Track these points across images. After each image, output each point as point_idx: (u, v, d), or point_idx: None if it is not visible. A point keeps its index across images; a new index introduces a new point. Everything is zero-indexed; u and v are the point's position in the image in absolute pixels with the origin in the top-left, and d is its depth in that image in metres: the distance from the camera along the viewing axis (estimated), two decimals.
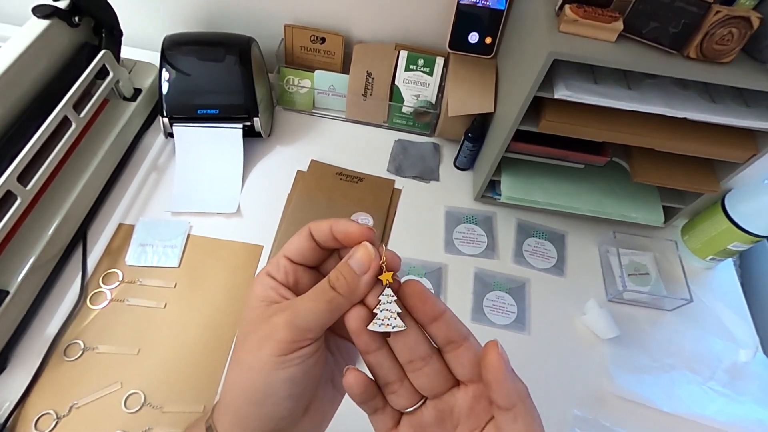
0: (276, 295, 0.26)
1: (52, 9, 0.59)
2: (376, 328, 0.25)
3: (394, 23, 0.76)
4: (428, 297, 0.25)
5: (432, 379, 0.26)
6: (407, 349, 0.26)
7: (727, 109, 0.53)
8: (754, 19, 0.45)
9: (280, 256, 0.28)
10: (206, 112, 0.68)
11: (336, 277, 0.25)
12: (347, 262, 0.25)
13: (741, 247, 0.65)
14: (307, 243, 0.27)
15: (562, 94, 0.51)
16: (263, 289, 0.27)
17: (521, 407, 0.23)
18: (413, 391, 0.26)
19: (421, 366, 0.26)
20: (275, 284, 0.27)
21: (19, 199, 0.52)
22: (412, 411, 0.27)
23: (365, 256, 0.25)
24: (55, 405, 0.50)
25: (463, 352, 0.25)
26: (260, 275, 0.27)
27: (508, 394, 0.23)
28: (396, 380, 0.26)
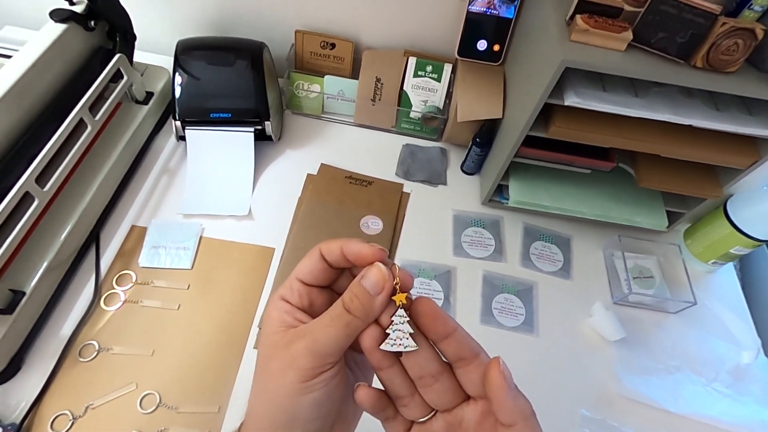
0: (292, 319, 0.26)
1: (69, 13, 0.60)
2: (388, 348, 0.25)
3: (403, 30, 0.77)
4: (439, 316, 0.26)
5: (442, 395, 0.26)
6: (418, 367, 0.26)
7: (730, 117, 0.54)
8: (758, 30, 0.46)
9: (292, 278, 0.28)
10: (218, 116, 0.69)
11: (350, 299, 0.25)
12: (360, 283, 0.25)
13: (742, 251, 0.67)
14: (319, 264, 0.27)
15: (573, 101, 0.52)
16: (279, 314, 0.27)
17: (522, 426, 0.24)
18: (424, 405, 0.27)
19: (432, 383, 0.26)
20: (290, 308, 0.27)
21: (36, 201, 0.52)
22: (423, 422, 0.27)
23: (379, 277, 0.25)
24: (70, 405, 0.51)
25: (474, 369, 0.26)
26: (274, 300, 0.28)
27: (509, 412, 0.24)
28: (407, 395, 0.27)
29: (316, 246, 0.28)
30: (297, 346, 0.25)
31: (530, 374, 0.60)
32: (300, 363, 0.25)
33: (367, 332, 0.26)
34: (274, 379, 0.25)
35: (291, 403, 0.25)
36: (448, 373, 0.26)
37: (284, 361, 0.25)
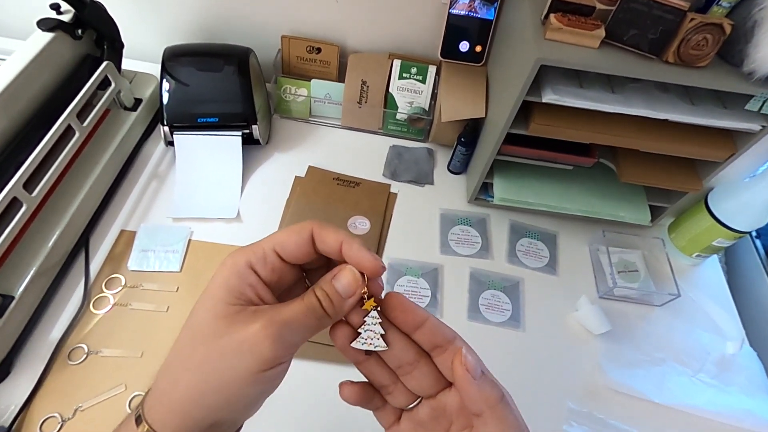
0: (254, 295, 0.24)
1: (57, 22, 0.61)
2: (359, 346, 0.26)
3: (387, 33, 0.78)
4: (409, 307, 0.26)
5: (422, 381, 0.27)
6: (394, 357, 0.27)
7: (705, 111, 0.55)
8: (726, 25, 0.48)
9: (268, 249, 0.25)
10: (206, 120, 0.70)
11: (323, 297, 0.25)
12: (333, 284, 0.25)
13: (725, 243, 0.68)
14: (306, 246, 0.25)
15: (550, 98, 0.54)
16: (239, 284, 0.24)
17: (489, 414, 0.24)
18: (408, 392, 0.28)
19: (411, 370, 0.27)
20: (256, 281, 0.24)
21: (24, 206, 0.53)
22: (410, 409, 0.28)
23: (352, 282, 0.25)
24: (59, 408, 0.51)
25: (449, 356, 0.26)
26: (239, 264, 0.24)
27: (474, 401, 0.25)
28: (390, 383, 0.28)
29: (307, 224, 0.25)
30: (259, 330, 0.23)
31: (517, 368, 0.60)
32: (263, 351, 0.22)
33: (339, 331, 0.26)
34: (222, 357, 0.23)
35: (237, 388, 0.23)
36: (426, 360, 0.27)
37: (240, 341, 0.23)
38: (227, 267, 0.24)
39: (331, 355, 0.57)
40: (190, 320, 0.24)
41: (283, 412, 0.53)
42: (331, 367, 0.57)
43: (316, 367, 0.57)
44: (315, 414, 0.54)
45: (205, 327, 0.23)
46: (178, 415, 0.23)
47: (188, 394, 0.23)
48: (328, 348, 0.58)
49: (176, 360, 0.24)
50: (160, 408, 0.24)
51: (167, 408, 0.23)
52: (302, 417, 0.54)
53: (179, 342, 0.24)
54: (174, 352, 0.24)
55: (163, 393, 0.24)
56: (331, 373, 0.56)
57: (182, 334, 0.24)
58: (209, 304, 0.24)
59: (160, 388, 0.24)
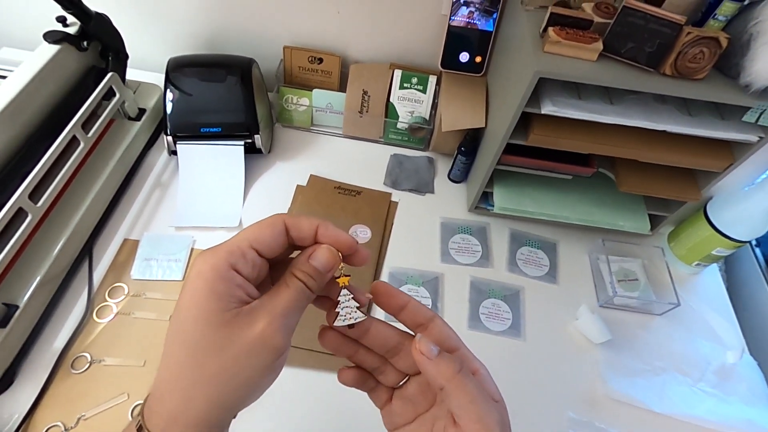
0: (244, 294, 0.24)
1: (63, 34, 0.62)
2: (341, 323, 0.28)
3: (388, 44, 0.79)
4: (393, 292, 0.30)
5: (407, 360, 0.30)
6: (380, 344, 0.30)
7: (703, 122, 0.56)
8: (722, 39, 0.48)
9: (245, 247, 0.25)
10: (209, 130, 0.71)
11: (306, 278, 0.26)
12: (311, 263, 0.26)
13: (724, 252, 0.68)
14: (281, 238, 0.26)
15: (549, 110, 0.54)
16: (228, 287, 0.24)
17: (449, 385, 0.26)
18: (397, 371, 0.31)
19: (397, 352, 0.30)
20: (242, 281, 0.24)
21: (29, 216, 0.53)
22: (400, 387, 0.31)
23: (330, 259, 0.27)
24: (63, 417, 0.51)
25: (430, 330, 0.29)
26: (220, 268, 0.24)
27: (433, 378, 0.27)
28: (380, 365, 0.31)
29: (277, 216, 0.26)
30: (266, 327, 0.24)
31: (518, 377, 0.61)
32: (274, 342, 0.24)
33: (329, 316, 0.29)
34: (236, 362, 0.23)
35: (255, 384, 0.24)
36: (410, 340, 0.30)
37: (250, 342, 0.24)
38: (207, 273, 0.23)
39: (325, 363, 0.58)
40: (182, 335, 0.24)
41: (280, 419, 0.53)
42: (324, 375, 0.57)
43: (311, 375, 0.57)
44: (311, 420, 0.54)
45: (206, 340, 0.23)
46: (201, 428, 0.24)
47: (207, 407, 0.24)
48: (321, 355, 0.58)
49: (182, 378, 0.24)
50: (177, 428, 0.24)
51: (185, 425, 0.24)
52: (298, 423, 0.54)
53: (177, 360, 0.24)
54: (174, 371, 0.24)
55: (177, 414, 0.24)
56: (326, 380, 0.56)
57: (176, 351, 0.24)
58: (202, 316, 0.23)
59: (169, 410, 0.24)
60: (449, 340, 0.29)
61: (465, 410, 0.26)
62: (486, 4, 0.67)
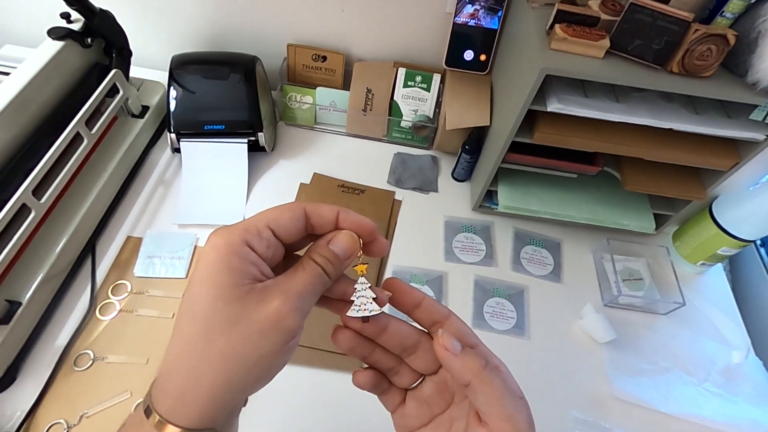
0: (258, 272, 0.24)
1: (67, 31, 0.62)
2: (354, 314, 0.27)
3: (392, 42, 0.79)
4: (406, 289, 0.29)
5: (425, 359, 0.29)
6: (397, 343, 0.29)
7: (709, 120, 0.56)
8: (730, 36, 0.48)
9: (262, 226, 0.24)
10: (212, 128, 0.70)
11: (325, 263, 0.26)
12: (330, 248, 0.26)
13: (729, 251, 0.68)
14: (300, 224, 0.26)
15: (555, 107, 0.54)
16: (243, 264, 0.23)
17: (476, 381, 0.25)
18: (412, 371, 0.30)
19: (414, 350, 0.29)
20: (256, 258, 0.24)
21: (33, 213, 0.53)
22: (414, 388, 0.30)
23: (351, 244, 0.26)
24: (65, 414, 0.51)
25: (446, 328, 0.28)
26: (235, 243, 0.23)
27: (459, 374, 0.26)
28: (395, 365, 0.30)
29: (297, 203, 0.26)
30: (280, 306, 0.23)
31: (522, 377, 0.59)
32: (287, 323, 0.23)
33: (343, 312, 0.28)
34: (247, 341, 0.23)
35: (266, 365, 0.23)
36: (426, 338, 0.29)
37: (262, 321, 0.23)
38: (222, 248, 0.23)
39: (333, 362, 0.57)
40: (193, 310, 0.23)
41: (285, 418, 0.53)
42: (330, 374, 0.57)
43: (319, 375, 0.57)
44: (317, 419, 0.54)
45: (218, 315, 0.23)
46: (210, 408, 0.23)
47: (216, 385, 0.23)
48: (327, 354, 0.58)
49: (191, 355, 0.23)
50: (185, 407, 0.23)
51: (193, 404, 0.23)
52: (304, 422, 0.54)
53: (187, 335, 0.23)
54: (183, 347, 0.23)
55: (185, 391, 0.23)
56: (333, 380, 0.56)
57: (187, 326, 0.23)
58: (214, 290, 0.23)
59: (177, 387, 0.23)
60: (467, 338, 0.28)
61: (493, 408, 0.25)
62: (491, 2, 0.67)
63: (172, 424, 0.22)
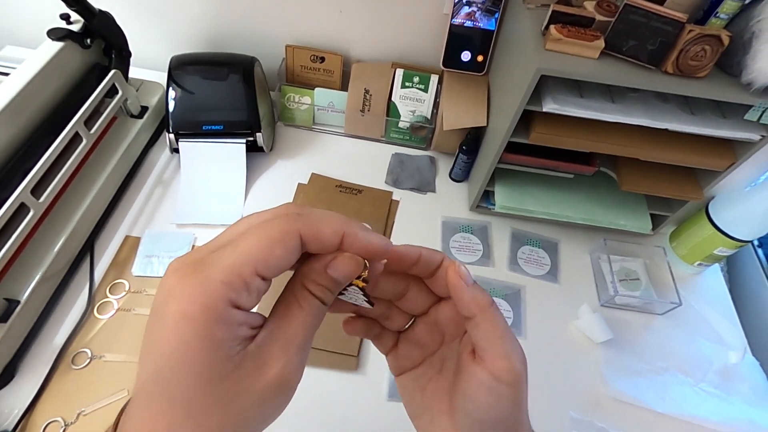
0: (248, 330, 0.20)
1: (66, 32, 0.62)
2: (344, 299, 0.26)
3: (390, 43, 0.80)
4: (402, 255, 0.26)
5: (415, 301, 0.29)
6: (388, 292, 0.28)
7: (705, 121, 0.56)
8: (724, 37, 0.48)
9: (249, 275, 0.19)
10: (211, 128, 0.71)
11: (322, 291, 0.22)
12: (329, 273, 0.22)
13: (726, 252, 0.68)
14: (294, 257, 0.21)
15: (550, 108, 0.54)
16: (230, 331, 0.19)
17: (480, 316, 0.25)
18: (403, 314, 0.30)
19: (404, 294, 0.29)
20: (245, 317, 0.20)
21: (32, 212, 0.54)
22: (405, 330, 0.30)
23: (355, 270, 0.23)
24: (63, 412, 0.51)
25: (440, 274, 0.27)
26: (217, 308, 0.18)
27: (467, 305, 0.25)
28: (386, 310, 0.30)
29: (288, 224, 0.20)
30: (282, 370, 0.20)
31: None
32: (293, 383, 0.21)
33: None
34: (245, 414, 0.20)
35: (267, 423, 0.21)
36: (415, 282, 0.28)
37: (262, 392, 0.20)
38: (198, 318, 0.18)
39: (334, 362, 0.58)
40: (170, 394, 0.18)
41: (283, 418, 0.53)
42: (331, 373, 0.57)
43: (310, 373, 0.57)
44: (309, 420, 0.54)
45: (206, 397, 0.19)
46: None
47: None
48: (330, 354, 0.58)
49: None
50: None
51: None
52: (297, 423, 0.54)
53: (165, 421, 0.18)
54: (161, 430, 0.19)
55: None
56: (325, 378, 0.57)
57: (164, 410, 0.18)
58: (196, 371, 0.18)
59: None
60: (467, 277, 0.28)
61: (492, 344, 0.24)
62: (488, 4, 0.67)
63: None
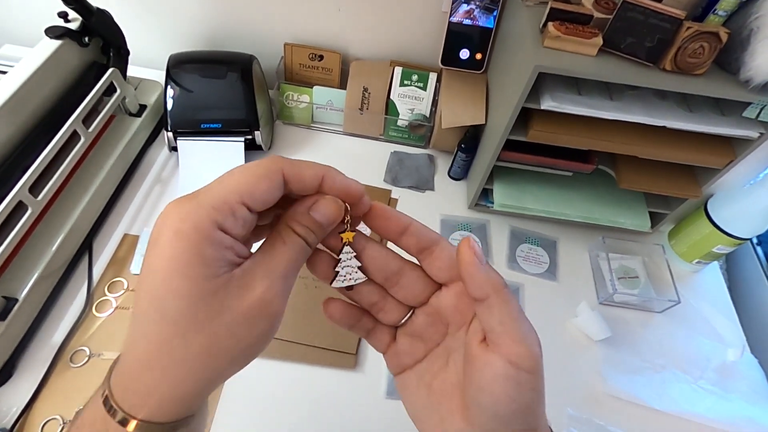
0: (234, 256, 0.21)
1: (64, 30, 0.62)
2: (339, 285, 0.26)
3: (388, 41, 0.79)
4: (391, 213, 0.26)
5: (412, 288, 0.26)
6: (378, 269, 0.26)
7: (703, 118, 0.56)
8: (722, 34, 0.48)
9: (234, 202, 0.21)
10: (209, 126, 0.71)
11: (306, 232, 0.23)
12: (313, 216, 0.23)
13: (725, 249, 0.68)
14: (278, 193, 0.22)
15: (548, 105, 0.54)
16: (217, 251, 0.20)
17: (495, 297, 0.23)
18: (399, 305, 0.27)
19: (398, 279, 0.26)
20: (232, 242, 0.21)
21: (29, 210, 0.54)
22: (404, 323, 0.28)
23: (336, 212, 0.24)
24: (61, 411, 0.51)
25: (438, 254, 0.26)
26: (205, 228, 0.20)
27: (480, 285, 0.23)
28: (379, 299, 0.27)
29: (273, 163, 0.22)
30: (264, 293, 0.21)
31: None
32: (274, 308, 0.22)
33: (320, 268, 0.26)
34: (231, 334, 0.21)
35: (252, 351, 0.22)
36: (411, 266, 0.27)
37: (246, 311, 0.21)
38: (190, 235, 0.20)
39: (327, 359, 0.58)
40: (162, 308, 0.20)
41: (274, 418, 0.53)
42: (329, 371, 0.57)
43: (308, 371, 0.57)
44: (307, 418, 0.54)
45: (194, 312, 0.20)
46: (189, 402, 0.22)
47: (194, 384, 0.21)
48: (322, 351, 0.58)
49: (166, 356, 0.20)
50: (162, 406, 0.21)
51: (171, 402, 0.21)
52: (295, 421, 0.54)
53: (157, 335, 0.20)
54: (154, 347, 0.20)
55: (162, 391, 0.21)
56: (323, 376, 0.57)
57: (156, 325, 0.20)
58: (186, 285, 0.20)
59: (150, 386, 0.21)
60: None
61: (508, 328, 0.23)
62: (486, 1, 0.67)
63: (145, 422, 0.21)
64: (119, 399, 0.21)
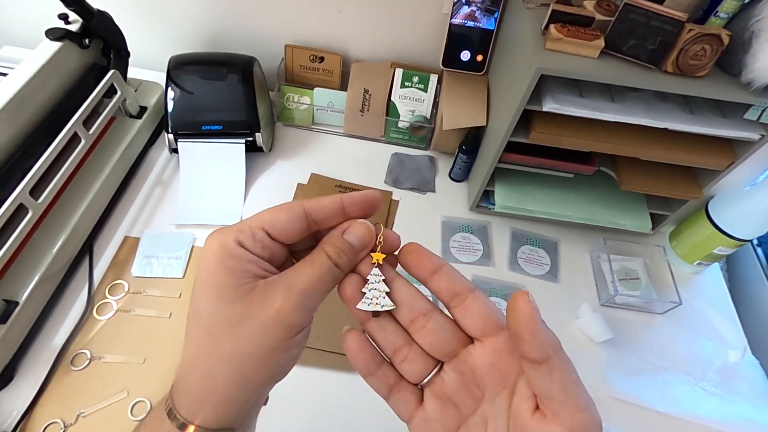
0: (259, 269, 0.23)
1: (64, 32, 0.62)
2: (365, 308, 0.24)
3: (389, 43, 0.79)
4: (424, 252, 0.25)
5: (439, 336, 0.24)
6: (405, 305, 0.25)
7: (704, 120, 0.56)
8: (724, 36, 0.48)
9: (255, 227, 0.23)
10: (210, 128, 0.71)
11: (338, 254, 0.24)
12: (345, 238, 0.25)
13: (726, 251, 0.68)
14: (300, 224, 0.24)
15: (550, 107, 0.54)
16: (239, 263, 0.23)
17: (555, 359, 0.21)
18: (425, 356, 0.25)
19: (425, 322, 0.24)
20: (253, 257, 0.23)
21: (30, 212, 0.53)
22: (431, 379, 0.25)
23: (366, 233, 0.25)
24: (62, 414, 0.51)
25: (471, 303, 0.24)
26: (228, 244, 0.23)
27: (541, 345, 0.21)
28: (403, 344, 0.25)
29: (296, 202, 0.25)
30: (282, 305, 0.23)
31: None
32: (290, 321, 0.23)
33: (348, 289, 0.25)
34: (250, 341, 0.23)
35: (273, 360, 0.23)
36: (440, 312, 0.25)
37: (264, 321, 0.22)
38: (216, 249, 0.23)
39: (336, 362, 0.58)
40: (198, 313, 0.23)
41: (288, 420, 0.53)
42: (336, 374, 0.57)
43: (323, 375, 0.57)
44: (320, 422, 0.54)
45: (220, 317, 0.23)
46: (226, 408, 0.23)
47: (229, 386, 0.23)
48: (332, 355, 0.58)
49: (202, 357, 0.23)
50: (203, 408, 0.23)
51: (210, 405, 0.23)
52: (307, 424, 0.54)
53: (196, 338, 0.23)
54: (194, 350, 0.23)
55: (203, 392, 0.23)
56: (337, 380, 0.56)
57: (194, 329, 0.23)
58: (214, 292, 0.23)
59: (194, 388, 0.23)
60: (497, 315, 0.24)
61: (569, 395, 0.20)
62: (488, 3, 0.67)
63: (192, 425, 0.23)
64: (177, 402, 0.24)
